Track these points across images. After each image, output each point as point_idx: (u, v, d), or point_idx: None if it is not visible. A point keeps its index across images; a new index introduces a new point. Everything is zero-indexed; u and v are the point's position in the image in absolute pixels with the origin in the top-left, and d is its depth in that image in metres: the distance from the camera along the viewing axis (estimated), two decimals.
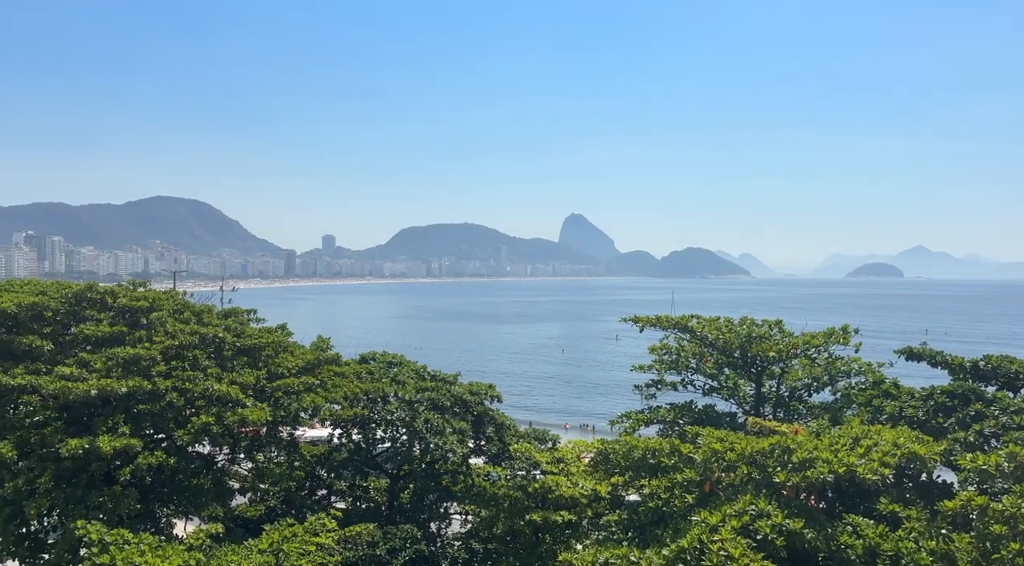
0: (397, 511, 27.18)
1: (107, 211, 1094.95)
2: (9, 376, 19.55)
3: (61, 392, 19.19)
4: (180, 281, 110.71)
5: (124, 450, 18.46)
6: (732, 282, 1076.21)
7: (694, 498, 15.44)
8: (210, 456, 23.09)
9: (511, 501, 21.23)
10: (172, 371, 21.06)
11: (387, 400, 26.49)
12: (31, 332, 21.85)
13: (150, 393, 20.09)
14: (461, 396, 27.50)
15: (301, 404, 22.25)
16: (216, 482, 22.08)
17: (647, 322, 28.69)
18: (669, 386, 29.26)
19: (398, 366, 29.32)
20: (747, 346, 26.35)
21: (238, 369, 22.70)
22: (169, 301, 25.57)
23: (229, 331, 24.01)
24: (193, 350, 22.21)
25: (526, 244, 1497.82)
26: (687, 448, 17.10)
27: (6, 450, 18.25)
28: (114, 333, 22.34)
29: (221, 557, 16.15)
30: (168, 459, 19.32)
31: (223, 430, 20.29)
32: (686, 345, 29.36)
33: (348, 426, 27.00)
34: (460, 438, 25.44)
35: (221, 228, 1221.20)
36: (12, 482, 18.47)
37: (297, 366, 23.66)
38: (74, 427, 19.96)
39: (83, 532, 16.12)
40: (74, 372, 20.04)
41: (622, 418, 27.93)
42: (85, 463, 18.62)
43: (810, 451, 14.70)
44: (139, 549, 15.39)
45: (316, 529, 17.70)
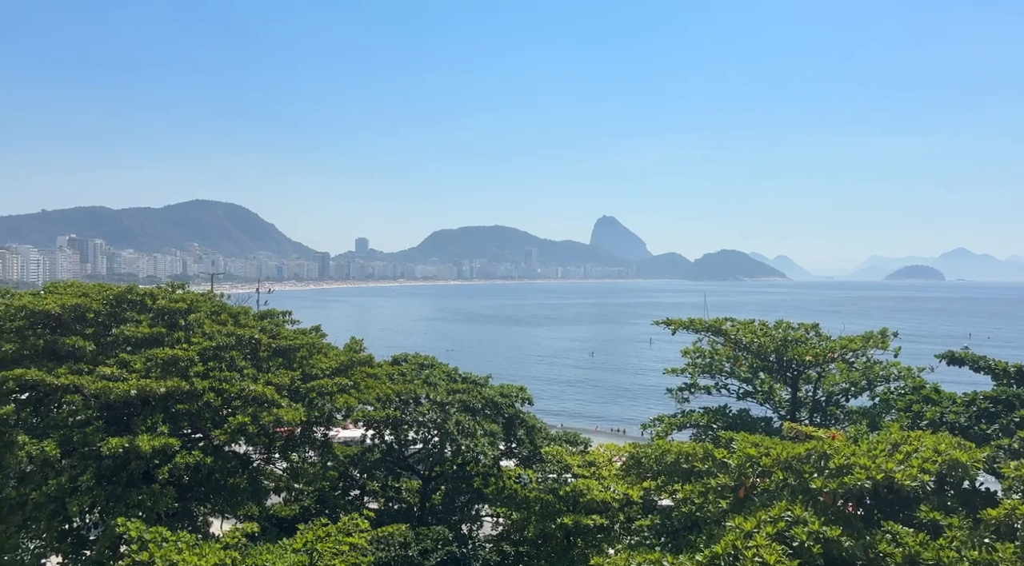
0: (429, 512, 27.30)
1: (147, 214, 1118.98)
2: (53, 376, 20.07)
3: (102, 392, 19.64)
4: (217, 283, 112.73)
5: (163, 449, 18.83)
6: (767, 285, 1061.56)
7: (728, 503, 15.24)
8: (246, 456, 23.43)
9: (542, 504, 21.19)
10: (209, 372, 21.44)
11: (419, 402, 26.64)
12: (74, 333, 22.39)
13: (188, 393, 20.48)
14: (492, 398, 27.54)
15: (335, 405, 22.49)
16: (252, 481, 22.38)
17: (680, 325, 28.40)
18: (702, 390, 28.94)
19: (430, 368, 29.47)
20: (783, 350, 25.94)
21: (273, 370, 23.02)
22: (207, 303, 26.04)
23: (265, 332, 24.37)
24: (230, 351, 22.59)
25: (557, 246, 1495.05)
26: (721, 453, 16.88)
27: (50, 448, 18.70)
28: (153, 334, 22.82)
29: (256, 556, 16.36)
30: (205, 458, 19.65)
31: (259, 430, 20.59)
32: (720, 348, 29.00)
33: (381, 427, 27.20)
34: (491, 440, 25.47)
35: (257, 231, 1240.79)
36: (55, 479, 18.92)
37: (331, 367, 23.92)
38: (115, 426, 20.42)
39: (123, 529, 16.44)
40: (115, 372, 20.51)
41: (654, 422, 27.71)
42: (125, 462, 19.03)
43: (848, 457, 14.42)
44: (177, 547, 15.65)
45: (349, 529, 17.84)
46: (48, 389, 20.44)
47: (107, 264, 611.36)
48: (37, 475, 19.87)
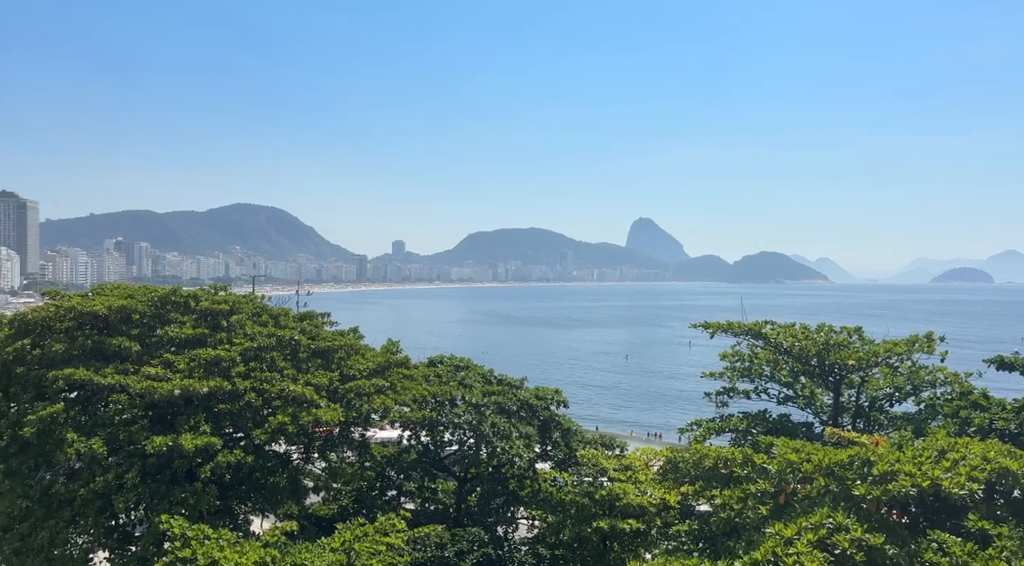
0: (464, 514, 27.39)
1: (191, 218, 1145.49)
2: (100, 375, 20.62)
3: (147, 391, 20.13)
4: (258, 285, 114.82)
5: (205, 448, 19.21)
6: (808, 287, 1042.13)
7: (768, 510, 14.99)
8: (286, 455, 23.77)
9: (578, 507, 21.09)
10: (251, 372, 21.83)
11: (454, 403, 26.75)
12: (120, 334, 22.97)
13: (230, 393, 20.87)
14: (527, 401, 27.53)
15: (372, 405, 22.70)
16: (291, 480, 22.69)
17: (718, 328, 28.04)
18: (741, 394, 28.54)
19: (465, 370, 29.58)
20: (824, 354, 25.44)
21: (312, 370, 23.33)
22: (248, 305, 26.52)
23: (304, 334, 24.73)
24: (270, 352, 22.97)
25: (593, 248, 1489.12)
26: (761, 458, 16.62)
27: (97, 446, 19.20)
28: (196, 335, 23.31)
29: (295, 554, 16.58)
30: (246, 457, 19.99)
31: (298, 430, 20.89)
32: (759, 352, 28.56)
33: (417, 428, 27.39)
34: (526, 442, 25.47)
35: (297, 234, 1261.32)
36: (102, 476, 19.42)
37: (368, 368, 24.16)
38: (159, 425, 20.88)
39: (166, 526, 16.80)
40: (159, 372, 21.00)
41: (692, 426, 27.41)
42: (169, 460, 19.46)
43: (892, 464, 14.07)
44: (218, 544, 15.93)
45: (386, 529, 17.99)
46: (96, 388, 20.99)
47: (152, 266, 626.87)
48: (85, 472, 20.42)
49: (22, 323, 23.58)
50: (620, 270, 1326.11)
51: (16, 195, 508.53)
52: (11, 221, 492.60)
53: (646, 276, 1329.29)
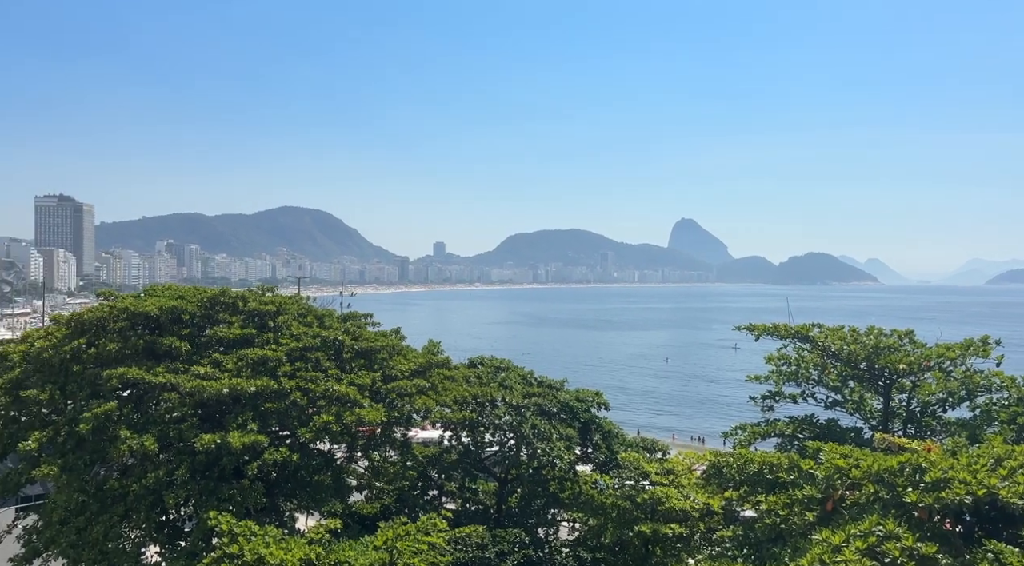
0: (505, 515, 27.44)
1: (239, 220, 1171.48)
2: (152, 374, 21.22)
3: (197, 390, 20.64)
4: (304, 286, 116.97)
5: (252, 446, 19.61)
6: (857, 289, 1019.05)
7: (815, 516, 14.69)
8: (330, 454, 24.13)
9: (619, 511, 20.94)
10: (296, 372, 22.22)
11: (495, 404, 26.83)
12: (171, 334, 23.61)
13: (276, 392, 21.29)
14: (568, 403, 27.46)
15: (414, 406, 22.90)
16: (335, 479, 23.02)
17: (763, 331, 27.57)
18: (787, 398, 27.99)
19: (505, 371, 29.63)
20: (874, 357, 24.82)
21: (356, 370, 23.64)
22: (294, 305, 27.01)
23: (348, 334, 25.09)
24: (315, 352, 23.36)
25: (634, 250, 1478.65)
26: (807, 464, 16.29)
27: (149, 443, 19.75)
28: (244, 335, 23.82)
29: (339, 552, 16.81)
30: (292, 455, 20.36)
31: (342, 429, 21.17)
32: (806, 356, 27.98)
33: (458, 429, 27.53)
34: (567, 445, 25.40)
35: (341, 236, 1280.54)
36: (154, 473, 19.97)
37: (410, 369, 24.38)
38: (208, 423, 21.37)
39: (214, 522, 17.19)
40: (208, 371, 21.51)
41: (736, 430, 27.00)
42: (217, 457, 19.92)
43: (945, 471, 13.65)
44: (264, 541, 16.23)
45: (428, 528, 18.12)
46: (147, 387, 21.59)
47: (202, 268, 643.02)
48: (137, 468, 21.02)
49: (78, 323, 24.41)
50: (662, 271, 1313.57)
51: (73, 199, 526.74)
52: (68, 224, 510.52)
53: (688, 278, 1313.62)
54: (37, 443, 21.10)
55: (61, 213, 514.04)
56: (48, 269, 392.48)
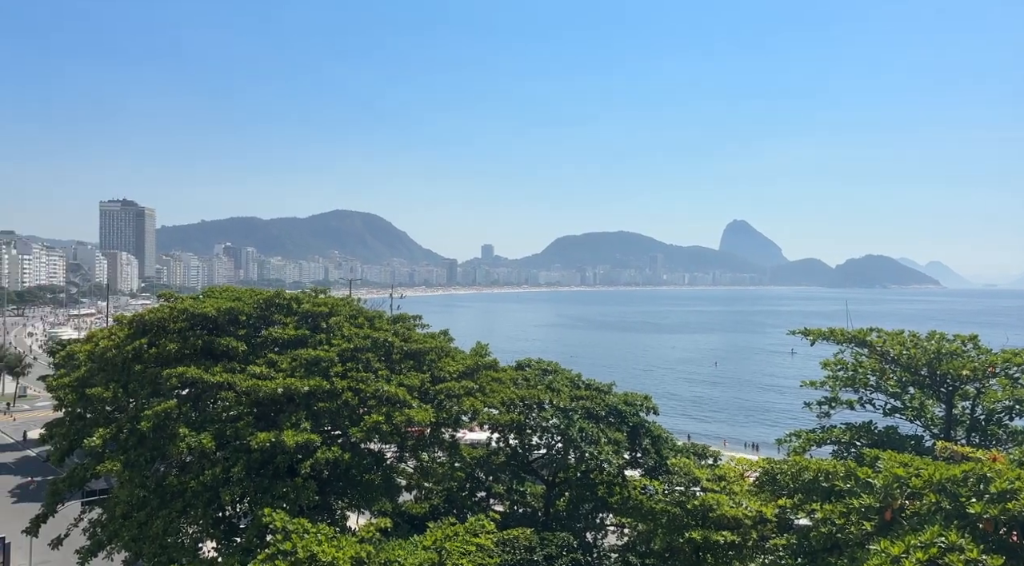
0: (553, 518, 27.34)
1: (293, 224, 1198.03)
2: (210, 374, 21.83)
3: (252, 389, 21.16)
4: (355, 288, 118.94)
5: (305, 445, 20.00)
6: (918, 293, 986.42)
7: (873, 526, 14.25)
8: (380, 453, 24.44)
9: (669, 517, 20.70)
10: (347, 372, 22.59)
11: (542, 407, 26.78)
12: (228, 334, 24.27)
13: (328, 392, 21.67)
14: (616, 406, 27.24)
15: (461, 407, 23.04)
16: (385, 478, 23.30)
17: (819, 335, 26.86)
18: (844, 405, 27.21)
19: (553, 374, 29.56)
20: (936, 363, 23.95)
21: (405, 372, 23.92)
22: (345, 307, 27.48)
23: (397, 336, 25.39)
24: (366, 353, 23.71)
25: (684, 252, 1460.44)
26: (865, 472, 15.82)
27: (207, 441, 20.31)
28: (298, 336, 24.34)
29: (389, 551, 16.99)
30: (343, 455, 20.68)
31: (392, 429, 21.43)
32: (864, 361, 27.16)
33: (505, 431, 27.57)
34: (615, 449, 25.19)
35: (391, 239, 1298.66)
36: (211, 470, 20.52)
37: (458, 370, 24.54)
38: (262, 422, 21.88)
39: (269, 519, 17.55)
40: (263, 371, 22.03)
41: (790, 437, 26.36)
42: (271, 455, 20.37)
43: (1012, 481, 13.09)
44: (317, 538, 16.49)
45: (476, 530, 18.18)
46: (205, 386, 22.21)
47: (258, 270, 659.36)
48: (195, 465, 21.63)
49: (140, 323, 25.28)
50: (713, 274, 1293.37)
51: (135, 203, 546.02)
52: (130, 228, 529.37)
53: (741, 280, 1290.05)
54: (101, 439, 21.88)
55: (124, 217, 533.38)
56: (112, 271, 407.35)
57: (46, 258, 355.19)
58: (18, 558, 35.19)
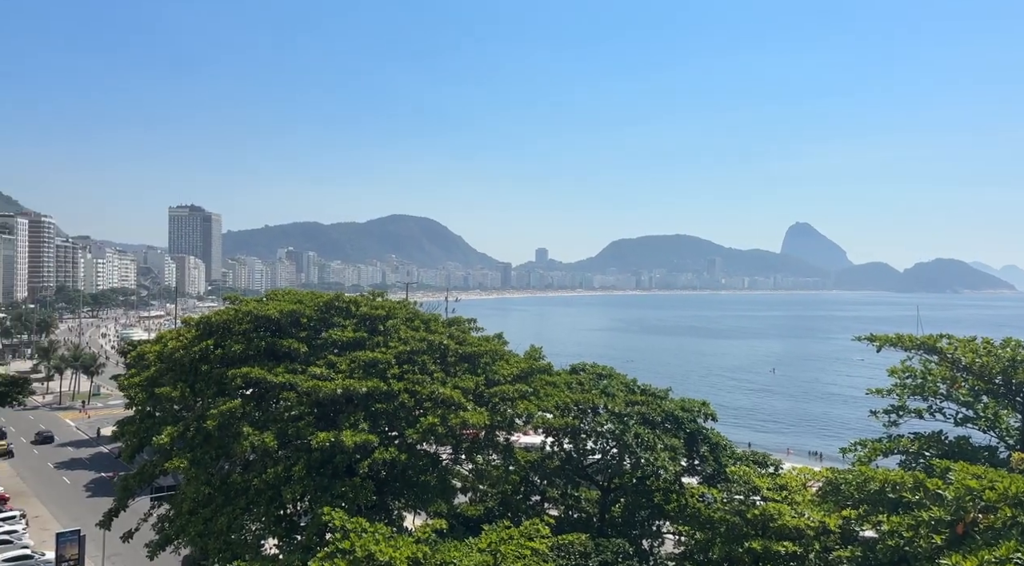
0: (608, 524, 27.12)
1: (351, 228, 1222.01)
2: (272, 374, 22.41)
3: (313, 390, 21.64)
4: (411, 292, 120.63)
5: (363, 445, 20.34)
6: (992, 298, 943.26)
7: (943, 539, 13.69)
8: (435, 455, 24.68)
9: (728, 526, 20.29)
10: (404, 374, 22.91)
11: (597, 412, 26.61)
12: (290, 336, 24.90)
13: (385, 393, 22.01)
14: (672, 412, 26.87)
15: (516, 410, 23.09)
16: (441, 480, 23.49)
17: (886, 341, 25.94)
18: (912, 413, 26.17)
19: (608, 378, 29.34)
20: (1011, 371, 22.85)
21: (460, 374, 24.11)
22: (402, 310, 27.89)
23: (452, 339, 25.62)
24: (422, 355, 23.99)
25: (743, 255, 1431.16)
26: (934, 483, 15.22)
27: (269, 440, 20.85)
28: (356, 338, 24.79)
29: (444, 552, 17.12)
30: (400, 455, 20.96)
31: (447, 431, 21.63)
32: (934, 368, 26.10)
33: (559, 435, 27.48)
34: (672, 455, 24.84)
35: (447, 243, 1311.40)
36: (273, 468, 21.06)
37: (512, 374, 24.60)
38: (322, 422, 22.35)
39: (328, 518, 17.90)
40: (323, 372, 22.52)
41: (855, 446, 25.51)
42: (331, 455, 20.78)
43: None
44: (374, 538, 16.75)
45: (531, 534, 18.18)
46: (268, 386, 22.82)
47: (318, 274, 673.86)
48: (258, 464, 22.24)
49: (206, 325, 26.17)
50: (774, 278, 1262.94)
51: (202, 209, 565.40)
52: (197, 233, 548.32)
53: (803, 285, 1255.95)
54: (169, 437, 22.69)
55: (192, 222, 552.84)
56: (180, 274, 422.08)
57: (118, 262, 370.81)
58: (92, 550, 36.76)
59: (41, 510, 51.60)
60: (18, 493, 55.34)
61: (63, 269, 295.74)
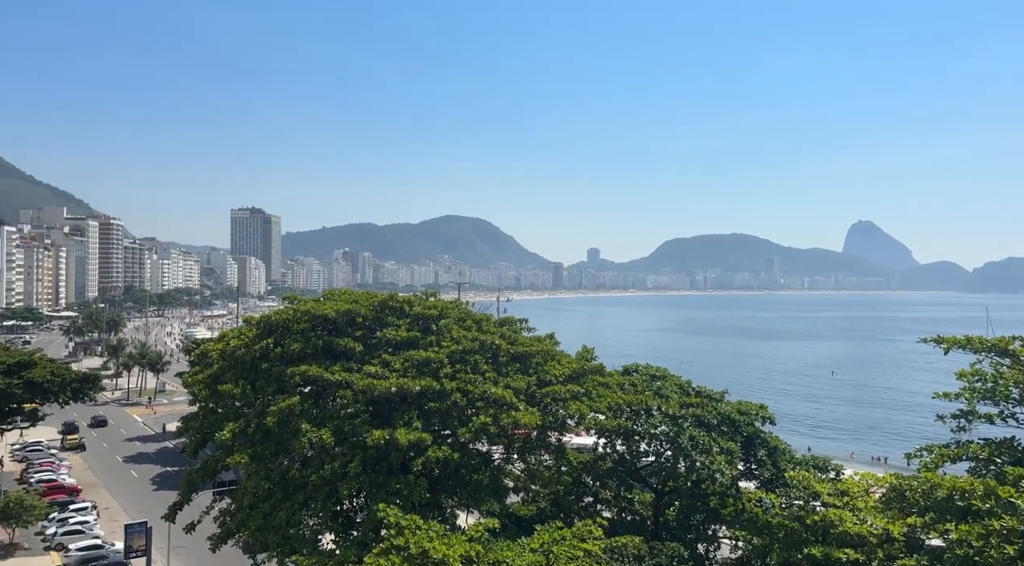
0: (663, 527, 26.80)
1: (405, 229, 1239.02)
2: (329, 372, 22.87)
3: (368, 388, 22.00)
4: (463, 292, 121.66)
5: (417, 443, 20.58)
6: None
7: (1016, 550, 13.11)
8: (488, 454, 24.79)
9: (787, 531, 19.80)
10: (456, 373, 23.09)
11: (650, 413, 26.32)
12: (346, 335, 25.36)
13: (438, 392, 22.23)
14: (729, 415, 26.41)
15: (567, 411, 23.02)
16: (493, 479, 23.58)
17: (953, 343, 24.92)
18: (982, 419, 25.10)
19: (661, 380, 29.00)
20: None
21: (511, 374, 24.16)
22: (454, 310, 28.12)
23: (504, 338, 25.71)
24: (474, 355, 24.14)
25: (803, 255, 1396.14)
26: (1007, 491, 14.58)
27: (326, 436, 21.26)
28: (410, 337, 25.11)
29: (497, 551, 17.17)
30: (452, 454, 21.13)
31: (498, 431, 21.72)
32: (1005, 372, 24.98)
33: (612, 436, 27.27)
34: (728, 459, 24.41)
35: (498, 243, 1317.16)
36: (330, 465, 21.47)
37: (564, 374, 24.53)
38: (377, 420, 22.69)
39: (383, 515, 18.17)
40: (378, 371, 22.87)
41: (921, 451, 24.57)
42: (386, 453, 21.08)
43: None
44: (428, 535, 16.91)
45: (584, 535, 18.09)
46: (325, 384, 23.29)
47: (373, 274, 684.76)
48: (316, 460, 22.71)
49: (266, 324, 26.86)
50: (835, 278, 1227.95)
51: (263, 211, 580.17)
52: (258, 234, 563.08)
53: (866, 285, 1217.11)
54: (231, 433, 23.36)
55: (253, 224, 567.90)
56: (241, 274, 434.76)
57: (183, 263, 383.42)
58: (158, 541, 38.13)
59: (111, 502, 53.83)
60: (89, 485, 57.83)
61: (131, 270, 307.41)
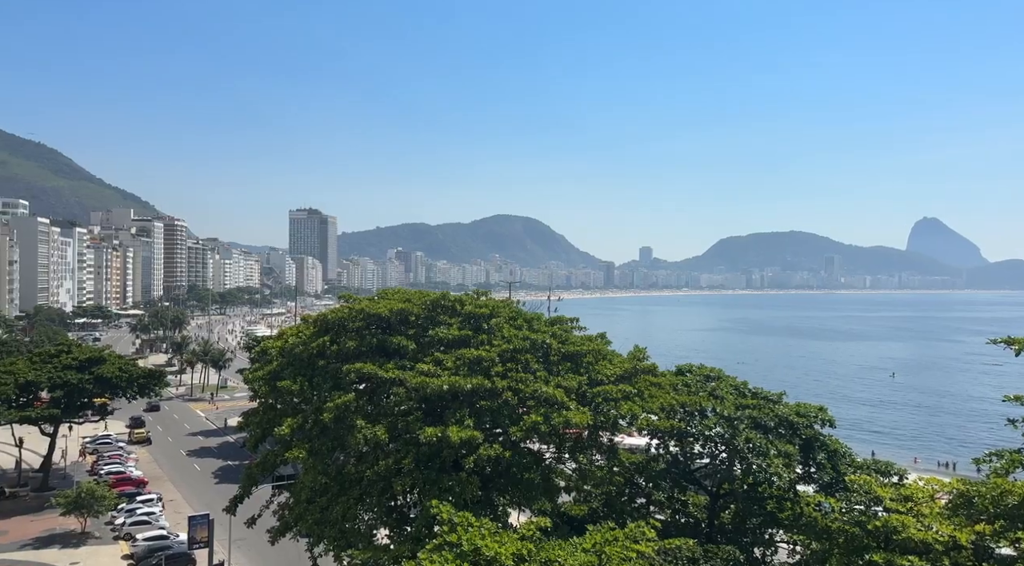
0: (717, 530, 26.39)
1: (457, 229, 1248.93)
2: (383, 370, 23.23)
3: (421, 386, 22.26)
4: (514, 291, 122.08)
5: (469, 441, 20.74)
6: None
7: None
8: (539, 453, 24.80)
9: (847, 537, 19.24)
10: (507, 372, 23.16)
11: (705, 415, 25.93)
12: (399, 333, 25.72)
13: (489, 391, 22.35)
14: (787, 417, 25.83)
15: (619, 411, 22.84)
16: (544, 478, 23.59)
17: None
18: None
19: (716, 380, 28.54)
20: None
21: (562, 373, 24.12)
22: (505, 309, 28.21)
23: (555, 338, 25.68)
24: (525, 354, 24.19)
25: (864, 253, 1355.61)
26: None
27: (381, 433, 21.61)
28: (461, 336, 25.30)
29: (549, 550, 17.13)
30: (504, 452, 21.24)
31: (550, 430, 21.70)
32: None
33: (665, 437, 26.97)
34: (786, 462, 23.88)
35: (549, 242, 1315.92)
36: (384, 461, 21.81)
37: (615, 374, 24.37)
38: (430, 417, 22.96)
39: (436, 511, 18.32)
40: (431, 369, 23.12)
41: (990, 457, 23.59)
42: (438, 450, 21.30)
43: None
44: (480, 533, 16.97)
45: (636, 536, 17.90)
46: (380, 381, 23.66)
47: (425, 273, 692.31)
48: (371, 456, 23.09)
49: (323, 322, 27.44)
50: (899, 277, 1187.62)
51: (320, 212, 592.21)
52: (315, 234, 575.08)
53: (932, 284, 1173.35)
54: (289, 429, 23.93)
55: (310, 224, 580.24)
56: (299, 274, 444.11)
57: (244, 262, 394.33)
58: (220, 534, 39.31)
59: (175, 494, 55.77)
60: (155, 478, 60.03)
61: (194, 269, 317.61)
